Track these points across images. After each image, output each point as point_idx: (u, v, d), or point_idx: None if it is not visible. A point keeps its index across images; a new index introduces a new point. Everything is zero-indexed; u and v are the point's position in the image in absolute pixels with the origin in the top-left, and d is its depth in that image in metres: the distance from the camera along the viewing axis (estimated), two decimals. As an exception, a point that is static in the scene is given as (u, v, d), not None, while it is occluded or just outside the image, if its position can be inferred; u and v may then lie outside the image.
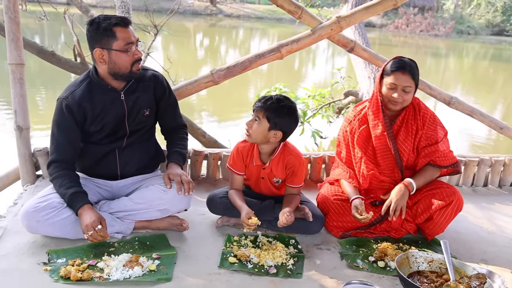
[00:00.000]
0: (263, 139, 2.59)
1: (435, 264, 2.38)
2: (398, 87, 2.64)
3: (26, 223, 2.36)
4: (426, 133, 2.77)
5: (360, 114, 2.87)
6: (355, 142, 2.84)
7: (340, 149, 2.96)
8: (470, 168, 3.80)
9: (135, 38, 2.45)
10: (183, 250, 2.49)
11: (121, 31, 2.39)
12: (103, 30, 2.36)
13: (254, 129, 2.55)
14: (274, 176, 2.72)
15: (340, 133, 2.96)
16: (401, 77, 2.64)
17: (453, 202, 2.65)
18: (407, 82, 2.64)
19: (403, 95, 2.65)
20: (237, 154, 2.74)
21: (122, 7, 4.57)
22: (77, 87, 2.50)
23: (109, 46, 2.39)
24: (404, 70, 2.64)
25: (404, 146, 2.77)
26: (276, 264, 2.40)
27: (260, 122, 2.53)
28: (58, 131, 2.48)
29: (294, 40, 3.33)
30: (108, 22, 2.36)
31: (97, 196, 2.64)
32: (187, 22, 25.88)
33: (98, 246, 2.41)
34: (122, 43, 2.39)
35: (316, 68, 16.08)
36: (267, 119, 2.52)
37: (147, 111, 2.64)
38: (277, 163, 2.68)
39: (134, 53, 2.45)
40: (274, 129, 2.54)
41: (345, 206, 2.77)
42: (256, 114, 2.55)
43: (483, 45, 28.23)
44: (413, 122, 2.78)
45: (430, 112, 2.81)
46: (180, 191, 2.52)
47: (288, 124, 2.57)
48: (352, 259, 2.53)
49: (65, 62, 4.15)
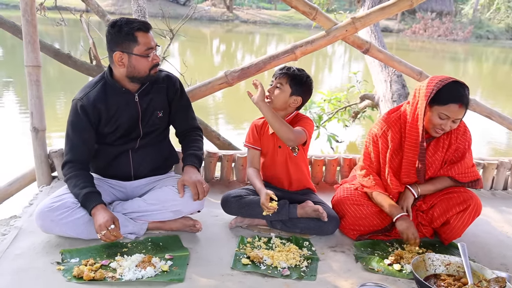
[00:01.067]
0: (282, 105, 2.72)
1: (452, 267, 2.33)
2: (451, 118, 2.51)
3: (41, 222, 2.37)
4: (458, 147, 2.70)
5: (397, 124, 2.71)
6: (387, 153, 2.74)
7: (369, 155, 2.81)
8: (489, 172, 3.72)
9: (154, 43, 2.46)
10: (196, 251, 2.48)
11: (142, 36, 2.40)
12: (125, 34, 2.37)
13: (276, 94, 2.69)
14: None
15: (368, 140, 2.81)
16: (458, 110, 2.48)
17: (470, 207, 2.59)
18: (460, 115, 2.51)
19: (452, 125, 2.54)
20: (252, 128, 2.87)
21: (138, 11, 4.61)
22: (92, 88, 2.52)
23: (129, 50, 2.40)
24: (462, 103, 2.47)
25: (431, 160, 2.69)
26: (289, 266, 2.37)
27: (282, 88, 2.69)
28: (72, 131, 2.50)
29: (309, 41, 3.32)
30: (131, 27, 2.37)
31: (110, 196, 2.64)
32: (204, 28, 26.01)
33: (111, 246, 2.41)
34: (143, 48, 2.40)
35: (333, 73, 16.00)
36: (290, 86, 2.69)
37: (161, 112, 2.65)
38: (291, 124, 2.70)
39: (153, 58, 2.46)
40: (295, 94, 2.70)
41: (362, 211, 2.73)
42: (279, 81, 2.70)
43: (503, 49, 27.82)
44: (445, 136, 2.68)
45: (462, 124, 2.70)
46: (196, 198, 2.51)
47: (307, 91, 2.76)
48: (367, 261, 2.49)
49: (81, 64, 4.19)
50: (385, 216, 2.73)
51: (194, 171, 2.57)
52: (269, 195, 2.54)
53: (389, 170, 2.72)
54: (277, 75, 2.72)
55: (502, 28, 33.53)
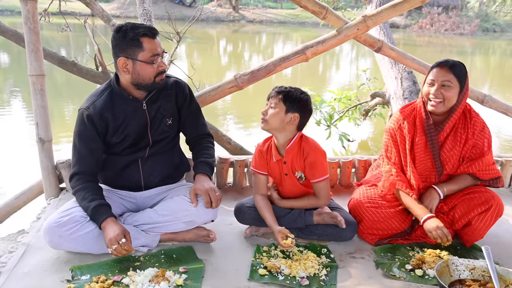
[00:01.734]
0: (279, 125, 2.52)
1: (477, 272, 2.25)
2: (436, 82, 2.52)
3: (49, 238, 2.30)
4: (475, 143, 2.62)
5: (410, 117, 2.69)
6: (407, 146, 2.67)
7: (391, 155, 2.74)
8: (507, 169, 3.63)
9: (161, 49, 2.37)
10: (211, 262, 2.40)
11: (148, 42, 2.31)
12: (130, 39, 2.29)
13: (270, 115, 2.50)
14: (295, 170, 2.62)
15: (387, 136, 2.76)
16: (439, 71, 2.52)
17: (492, 207, 2.51)
18: (446, 77, 2.50)
19: (443, 92, 2.51)
20: (258, 154, 2.69)
21: (144, 15, 4.53)
22: (98, 97, 2.44)
23: (134, 56, 2.32)
24: (444, 66, 2.51)
25: (449, 155, 2.62)
26: (308, 275, 2.29)
27: (276, 107, 2.49)
28: (79, 142, 2.42)
29: (320, 41, 3.23)
30: (136, 32, 2.29)
31: (121, 208, 2.57)
32: (210, 29, 26.04)
33: (123, 261, 2.33)
34: (148, 54, 2.32)
35: (341, 71, 15.92)
36: (283, 103, 2.49)
37: (170, 120, 2.57)
38: (295, 154, 2.58)
39: (159, 65, 2.37)
40: (291, 111, 2.49)
41: (379, 213, 2.65)
42: (272, 101, 2.52)
43: (509, 42, 27.72)
44: (463, 131, 2.62)
45: (480, 120, 2.65)
46: (209, 206, 2.44)
47: (304, 107, 2.53)
48: (388, 267, 2.41)
49: (87, 71, 4.12)
50: (404, 219, 2.66)
51: (206, 179, 2.50)
52: (283, 233, 2.43)
53: (410, 162, 2.64)
54: (270, 95, 2.55)
55: (508, 20, 33.44)
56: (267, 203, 2.63)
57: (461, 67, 2.54)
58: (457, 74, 2.50)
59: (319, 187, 2.60)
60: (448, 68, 2.50)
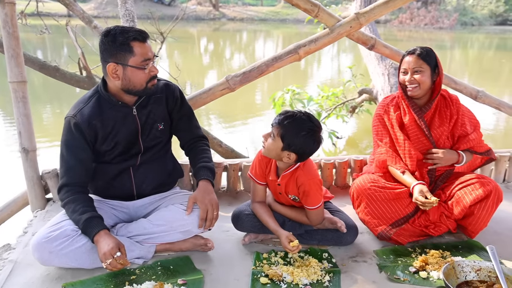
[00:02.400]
0: (275, 157, 2.37)
1: (483, 273, 2.22)
2: (408, 70, 2.67)
3: (38, 255, 2.17)
4: (461, 119, 2.74)
5: (393, 102, 2.84)
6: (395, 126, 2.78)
7: (381, 137, 2.84)
8: (502, 164, 3.63)
9: (152, 53, 2.26)
10: (210, 272, 2.31)
11: (139, 46, 2.19)
12: (120, 44, 2.17)
13: (268, 144, 2.33)
14: (289, 193, 2.52)
15: (375, 122, 2.87)
16: (409, 60, 2.67)
17: (492, 192, 2.53)
18: (416, 64, 2.65)
19: (416, 77, 2.65)
20: (258, 163, 2.54)
21: (127, 15, 4.40)
22: (86, 103, 2.32)
23: (124, 62, 2.20)
24: (412, 54, 2.67)
25: (439, 132, 2.71)
26: (311, 282, 2.22)
27: (274, 139, 2.30)
28: (67, 152, 2.30)
29: (312, 40, 3.16)
30: (126, 36, 2.17)
31: (113, 219, 2.45)
32: (191, 28, 25.86)
33: (118, 275, 2.22)
34: (139, 59, 2.20)
35: (322, 67, 15.93)
36: (281, 138, 2.27)
37: (161, 125, 2.47)
38: (288, 180, 2.45)
39: (151, 69, 2.26)
40: (287, 150, 2.29)
41: (383, 193, 2.61)
42: (273, 130, 2.31)
43: (487, 35, 28.20)
44: (446, 109, 2.75)
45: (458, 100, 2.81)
46: (201, 228, 2.35)
47: (304, 146, 2.28)
48: (391, 270, 2.36)
49: (70, 77, 3.97)
50: (408, 203, 2.64)
51: (209, 189, 2.40)
52: (289, 238, 2.35)
53: (404, 137, 2.73)
54: (273, 122, 2.32)
55: (485, 14, 34.03)
56: (267, 209, 2.55)
57: (428, 51, 2.68)
58: (424, 59, 2.65)
59: (311, 213, 2.49)
60: (417, 56, 2.65)
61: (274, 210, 2.59)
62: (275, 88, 6.22)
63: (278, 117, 2.31)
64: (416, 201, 2.49)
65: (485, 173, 3.60)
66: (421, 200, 2.46)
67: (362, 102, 6.81)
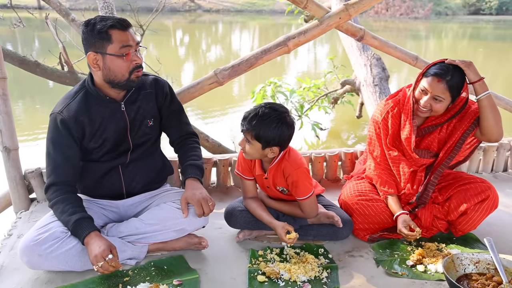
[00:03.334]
0: (260, 157, 2.38)
1: (482, 265, 2.22)
2: (430, 93, 2.43)
3: (27, 259, 2.08)
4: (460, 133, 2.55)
5: (394, 110, 2.64)
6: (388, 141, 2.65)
7: (373, 148, 2.73)
8: (490, 154, 3.66)
9: (134, 42, 2.16)
10: (205, 272, 2.25)
11: (117, 34, 2.11)
12: (97, 32, 2.08)
13: (248, 150, 2.32)
14: (277, 185, 2.49)
15: (371, 130, 2.72)
16: (436, 84, 2.40)
17: (489, 197, 2.50)
18: (440, 92, 2.40)
19: (433, 104, 2.44)
20: (243, 159, 2.51)
21: (105, 7, 4.28)
22: (72, 99, 2.22)
23: (103, 50, 2.11)
24: (441, 78, 2.38)
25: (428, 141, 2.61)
26: (309, 279, 2.19)
27: (251, 143, 2.29)
28: (54, 149, 2.20)
29: (301, 32, 3.10)
30: (104, 24, 2.09)
31: (103, 219, 2.37)
32: (166, 20, 25.58)
33: (111, 277, 2.14)
34: (117, 46, 2.11)
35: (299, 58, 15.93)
36: (257, 140, 2.27)
37: (151, 121, 2.39)
38: (276, 172, 2.43)
39: (132, 58, 2.17)
40: (268, 146, 2.29)
41: (370, 206, 2.59)
42: (246, 136, 2.30)
43: (461, 25, 28.67)
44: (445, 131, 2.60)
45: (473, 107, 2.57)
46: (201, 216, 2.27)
47: (281, 136, 2.28)
48: (388, 265, 2.35)
49: (52, 72, 3.83)
50: None
51: (197, 186, 2.33)
52: (285, 228, 2.33)
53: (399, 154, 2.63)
54: (242, 129, 2.31)
55: (459, 4, 34.63)
56: (260, 203, 2.51)
57: (458, 77, 2.41)
58: (451, 88, 2.40)
59: (304, 204, 2.46)
60: (445, 83, 2.38)
61: (268, 206, 2.55)
62: (253, 80, 6.18)
63: (244, 123, 2.29)
64: (400, 233, 2.45)
65: (474, 164, 3.64)
66: (405, 233, 2.42)
67: (344, 94, 6.81)
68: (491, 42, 21.37)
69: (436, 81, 2.39)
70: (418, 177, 2.63)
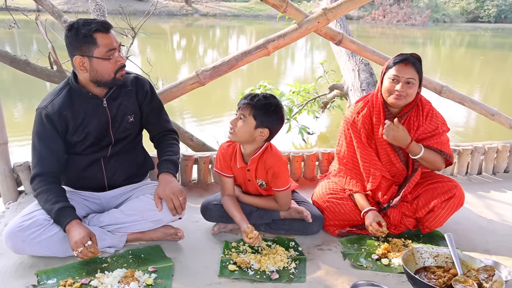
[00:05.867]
0: (248, 138, 2.46)
1: (440, 259, 2.31)
2: (401, 79, 2.56)
3: (11, 243, 2.21)
4: (426, 127, 2.69)
5: (363, 110, 2.76)
6: (362, 140, 2.75)
7: (340, 148, 2.85)
8: (464, 157, 3.76)
9: (117, 43, 2.30)
10: (180, 260, 2.38)
11: (102, 37, 2.24)
12: (83, 36, 2.21)
13: (239, 127, 2.42)
14: (257, 178, 2.61)
15: (341, 131, 2.84)
16: (404, 68, 2.56)
17: (455, 196, 2.61)
18: (410, 74, 2.55)
19: (406, 89, 2.56)
20: (222, 156, 2.63)
21: (97, 10, 4.41)
22: (56, 95, 2.36)
23: (89, 54, 2.24)
24: (407, 62, 2.56)
25: None
26: (278, 269, 2.31)
27: (245, 120, 2.40)
28: (39, 142, 2.34)
29: (281, 35, 3.22)
30: (88, 28, 2.21)
31: (85, 209, 2.50)
32: (163, 24, 25.63)
33: (90, 263, 2.27)
34: (103, 50, 2.25)
35: (296, 63, 16.02)
36: (254, 117, 2.39)
37: (132, 117, 2.51)
38: (257, 164, 2.55)
39: (117, 59, 2.31)
40: (260, 127, 2.41)
41: (340, 205, 2.71)
42: (242, 112, 2.41)
43: (459, 32, 28.61)
44: (415, 118, 2.70)
45: (430, 108, 2.73)
46: (174, 213, 2.42)
47: (275, 122, 2.44)
48: (355, 258, 2.47)
49: (41, 71, 3.94)
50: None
51: (169, 180, 2.45)
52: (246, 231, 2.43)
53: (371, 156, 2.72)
54: (240, 104, 2.43)
55: (457, 11, 34.51)
56: (235, 202, 2.60)
57: (419, 61, 2.61)
58: (418, 71, 2.58)
59: (280, 196, 2.59)
60: (412, 65, 2.56)
61: (242, 202, 2.65)
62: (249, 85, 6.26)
63: (245, 99, 2.42)
64: (368, 228, 2.56)
65: (449, 167, 3.71)
66: (375, 228, 2.53)
67: (334, 98, 6.88)
68: (489, 50, 21.32)
69: (403, 66, 2.55)
70: (392, 189, 2.73)
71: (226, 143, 2.64)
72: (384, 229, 2.53)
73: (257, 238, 2.40)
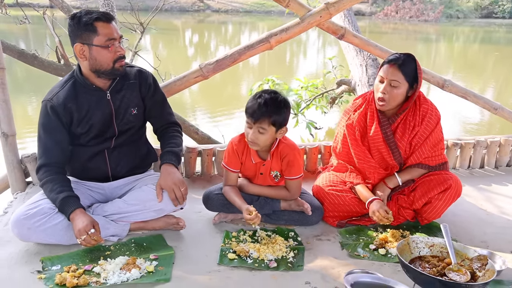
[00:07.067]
0: (270, 142, 2.57)
1: (436, 249, 2.32)
2: (385, 80, 2.59)
3: (17, 231, 2.29)
4: (422, 131, 2.71)
5: (360, 108, 2.80)
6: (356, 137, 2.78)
7: (336, 145, 2.90)
8: (466, 151, 3.77)
9: (118, 34, 2.37)
10: (181, 249, 2.44)
11: (102, 26, 2.31)
12: (84, 24, 2.28)
13: (262, 140, 2.50)
14: (272, 170, 2.67)
15: (339, 127, 2.89)
16: (389, 69, 2.57)
17: (451, 186, 2.62)
18: (394, 76, 2.56)
19: (389, 90, 2.58)
20: (232, 152, 2.68)
21: (106, 5, 4.48)
22: (61, 88, 2.43)
23: (89, 42, 2.31)
24: (393, 63, 2.57)
25: (400, 141, 2.72)
26: (276, 258, 2.36)
27: (265, 131, 2.46)
28: (44, 133, 2.41)
29: (283, 29, 3.26)
30: (89, 17, 2.28)
31: (89, 199, 2.57)
32: (175, 20, 25.70)
33: (94, 251, 2.35)
34: (103, 38, 2.31)
35: (307, 59, 15.98)
36: (273, 125, 2.46)
37: (135, 110, 2.57)
38: (275, 155, 2.62)
39: (117, 50, 2.37)
40: (280, 128, 2.51)
41: (340, 197, 2.75)
42: (260, 125, 2.45)
43: (472, 28, 28.23)
44: (411, 118, 2.71)
45: (428, 107, 2.73)
46: (176, 204, 2.48)
47: (287, 115, 2.54)
48: (352, 248, 2.51)
49: (48, 64, 4.02)
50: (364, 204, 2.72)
51: (171, 171, 2.51)
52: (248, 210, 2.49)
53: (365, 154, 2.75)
54: (256, 119, 2.44)
55: (471, 6, 34.02)
56: (236, 190, 2.68)
57: (410, 64, 2.59)
58: (405, 73, 2.56)
59: (293, 184, 2.66)
60: (397, 67, 2.55)
61: (251, 192, 2.72)
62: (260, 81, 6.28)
63: (256, 113, 2.43)
64: (373, 217, 2.58)
65: (450, 161, 3.70)
66: (381, 215, 2.53)
67: (342, 93, 6.87)
68: (504, 46, 21.06)
69: (388, 67, 2.57)
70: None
71: (237, 137, 2.70)
72: (390, 216, 2.54)
73: (257, 217, 2.46)
